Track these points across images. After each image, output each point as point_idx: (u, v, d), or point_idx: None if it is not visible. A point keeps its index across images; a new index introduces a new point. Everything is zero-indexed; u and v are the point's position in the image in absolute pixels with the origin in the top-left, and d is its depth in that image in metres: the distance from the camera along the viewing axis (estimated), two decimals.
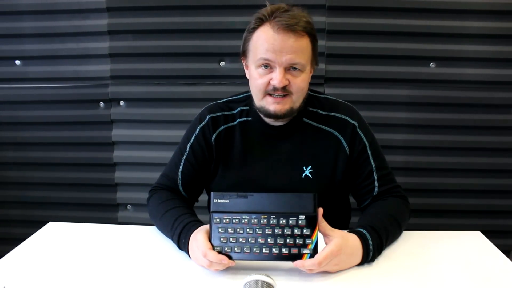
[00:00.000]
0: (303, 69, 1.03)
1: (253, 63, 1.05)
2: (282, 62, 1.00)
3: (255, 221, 0.89)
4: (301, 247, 0.88)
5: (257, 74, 1.04)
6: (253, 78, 1.06)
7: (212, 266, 0.89)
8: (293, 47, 0.99)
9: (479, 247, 1.04)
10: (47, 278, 0.91)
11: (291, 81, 1.02)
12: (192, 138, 1.18)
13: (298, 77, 1.03)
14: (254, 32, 1.04)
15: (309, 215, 0.89)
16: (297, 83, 1.03)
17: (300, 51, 1.01)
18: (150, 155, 1.86)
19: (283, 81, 1.01)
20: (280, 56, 1.00)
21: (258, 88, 1.05)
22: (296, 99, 1.06)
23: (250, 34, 1.04)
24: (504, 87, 1.73)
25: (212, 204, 0.91)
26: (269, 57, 1.00)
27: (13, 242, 1.08)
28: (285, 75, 1.01)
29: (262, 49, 1.01)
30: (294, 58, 1.00)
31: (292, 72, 1.02)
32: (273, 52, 0.99)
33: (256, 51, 1.03)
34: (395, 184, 1.16)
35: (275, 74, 1.01)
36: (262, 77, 1.03)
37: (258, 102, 1.08)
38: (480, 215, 1.83)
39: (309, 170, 1.13)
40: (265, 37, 1.01)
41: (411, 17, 1.69)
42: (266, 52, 1.00)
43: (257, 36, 1.03)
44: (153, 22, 1.75)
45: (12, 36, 1.81)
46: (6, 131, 1.90)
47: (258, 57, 1.02)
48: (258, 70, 1.04)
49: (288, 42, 0.99)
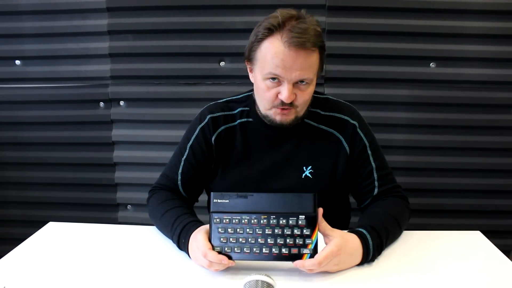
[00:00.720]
0: (311, 82, 1.02)
1: (260, 74, 1.02)
2: (292, 78, 0.98)
3: (255, 221, 0.89)
4: (301, 247, 0.88)
5: (265, 86, 1.02)
6: (260, 89, 1.04)
7: (212, 266, 0.89)
8: (303, 64, 0.97)
9: (479, 247, 1.04)
10: (47, 278, 0.91)
11: (298, 94, 1.01)
12: (192, 138, 1.17)
13: (306, 90, 1.02)
14: (262, 42, 0.99)
15: (309, 215, 0.88)
16: (303, 97, 1.02)
17: (309, 67, 0.99)
18: (150, 155, 1.86)
19: (291, 97, 1.00)
20: (290, 73, 0.98)
21: (265, 100, 1.04)
22: (301, 109, 1.06)
23: (258, 43, 1.00)
24: (504, 87, 1.73)
25: (212, 204, 0.90)
26: (279, 73, 0.98)
27: (13, 242, 1.08)
28: (293, 89, 1.00)
29: (271, 64, 0.98)
30: (303, 75, 0.99)
31: (300, 86, 1.01)
32: (282, 69, 0.97)
33: (264, 63, 1.00)
34: (395, 184, 1.16)
35: (283, 88, 0.99)
36: (269, 89, 1.02)
37: (264, 111, 1.07)
38: (480, 215, 1.83)
39: (309, 170, 1.13)
40: (275, 52, 0.97)
41: (411, 17, 1.69)
42: (275, 68, 0.98)
43: (266, 47, 0.99)
44: (153, 22, 1.75)
45: (12, 36, 1.81)
46: (6, 131, 1.90)
47: (266, 71, 1.00)
48: (265, 82, 1.02)
49: (299, 59, 0.97)
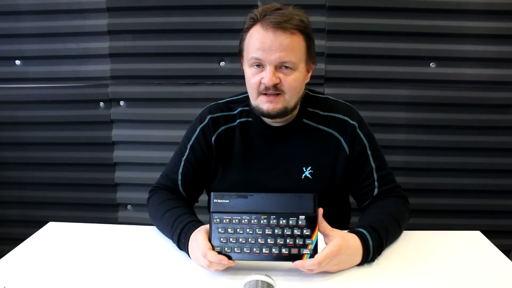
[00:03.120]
0: (295, 67, 1.02)
1: (246, 63, 1.05)
2: (272, 60, 1.00)
3: (255, 221, 0.89)
4: (301, 248, 0.88)
5: (250, 73, 1.04)
6: (247, 77, 1.06)
7: (212, 266, 0.89)
8: (282, 45, 0.99)
9: (479, 247, 1.04)
10: (47, 278, 0.91)
11: (282, 79, 1.02)
12: (192, 138, 1.18)
13: (290, 75, 1.02)
14: (247, 32, 1.04)
15: (309, 216, 0.88)
16: (288, 81, 1.02)
17: (291, 49, 1.00)
18: (150, 155, 1.86)
19: (273, 79, 1.00)
20: (269, 55, 0.99)
21: (252, 88, 1.05)
22: (290, 98, 1.05)
23: (244, 34, 1.05)
24: (504, 87, 1.73)
25: (212, 204, 0.90)
26: (259, 56, 1.00)
27: (13, 242, 1.08)
28: (276, 73, 1.01)
29: (253, 48, 1.02)
30: (283, 57, 1.00)
31: (283, 71, 1.02)
32: (262, 51, 1.00)
33: (248, 50, 1.04)
34: (395, 184, 1.16)
35: (265, 72, 1.01)
36: (254, 76, 1.04)
37: (253, 102, 1.08)
38: (480, 215, 1.83)
39: (309, 171, 1.13)
40: (256, 36, 1.01)
41: (411, 17, 1.69)
42: (256, 51, 1.01)
43: (249, 36, 1.04)
44: (153, 22, 1.75)
45: (12, 36, 1.81)
46: (6, 131, 1.90)
47: (249, 56, 1.03)
48: (251, 70, 1.04)
49: (278, 40, 0.99)
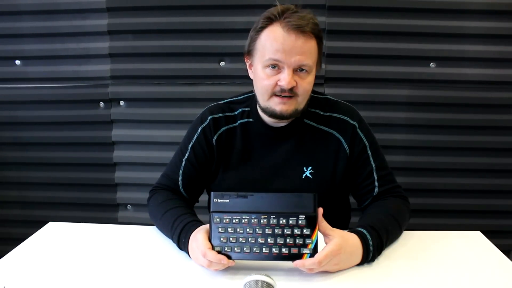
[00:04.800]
0: (310, 71, 1.03)
1: (260, 63, 1.04)
2: (291, 63, 0.99)
3: (255, 221, 0.89)
4: (301, 247, 0.88)
5: (264, 75, 1.03)
6: (260, 78, 1.04)
7: (212, 266, 0.89)
8: (302, 48, 0.99)
9: (479, 247, 1.04)
10: (47, 278, 0.91)
11: (298, 82, 1.02)
12: (193, 139, 1.17)
13: (305, 79, 1.03)
14: (262, 32, 1.02)
15: (309, 215, 0.88)
16: (303, 85, 1.03)
17: (309, 52, 1.01)
18: (150, 155, 1.86)
19: (292, 82, 1.00)
20: (290, 57, 0.99)
21: (265, 89, 1.04)
22: (302, 100, 1.05)
23: (258, 33, 1.03)
24: (504, 87, 1.73)
25: (212, 204, 0.90)
26: (279, 57, 0.99)
27: (13, 242, 1.08)
28: (293, 76, 1.01)
29: (271, 49, 1.00)
30: (303, 60, 1.00)
31: (300, 74, 1.02)
32: (282, 53, 0.99)
33: (264, 51, 1.02)
34: (396, 184, 1.16)
35: (283, 75, 1.00)
36: (269, 77, 1.02)
37: (264, 103, 1.07)
38: (480, 215, 1.83)
39: (309, 171, 1.13)
40: (274, 37, 1.00)
41: (411, 17, 1.69)
42: (275, 53, 0.99)
43: (265, 35, 1.02)
44: (153, 22, 1.75)
45: (12, 36, 1.81)
46: (6, 131, 1.90)
47: (266, 57, 1.01)
48: (265, 70, 1.03)
49: (298, 43, 0.98)
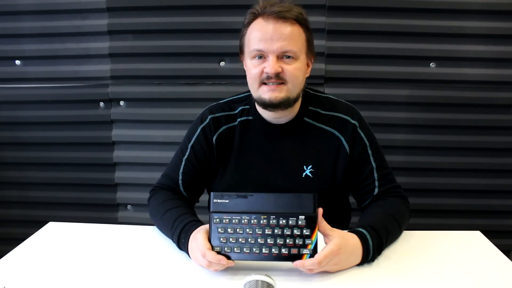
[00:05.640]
0: (296, 57, 1.04)
1: (248, 56, 1.07)
2: (274, 50, 1.02)
3: (255, 221, 0.89)
4: (300, 247, 0.88)
5: (251, 65, 1.06)
6: (248, 69, 1.08)
7: (211, 266, 0.89)
8: (283, 34, 1.01)
9: (479, 247, 1.04)
10: (47, 278, 0.91)
11: (284, 68, 1.03)
12: (193, 138, 1.18)
13: (291, 64, 1.04)
14: (247, 27, 1.07)
15: (309, 216, 0.88)
16: (290, 70, 1.03)
17: (291, 38, 1.02)
18: (150, 155, 1.86)
19: (276, 67, 1.02)
20: (271, 44, 1.01)
21: (253, 78, 1.06)
22: (292, 87, 1.05)
23: (245, 29, 1.08)
24: (504, 87, 1.73)
25: (212, 204, 0.90)
26: (261, 47, 1.02)
27: (13, 242, 1.08)
28: (278, 62, 1.03)
29: (254, 40, 1.04)
30: (285, 46, 1.02)
31: (285, 60, 1.03)
32: (264, 42, 1.02)
33: (249, 43, 1.06)
34: (396, 184, 1.16)
35: (267, 62, 1.03)
36: (256, 67, 1.05)
37: (255, 93, 1.08)
38: (480, 215, 1.83)
39: (309, 169, 1.13)
40: (257, 28, 1.04)
41: (411, 17, 1.69)
42: (258, 43, 1.03)
43: (250, 29, 1.06)
44: (153, 22, 1.75)
45: (12, 36, 1.81)
46: (6, 131, 1.90)
47: (251, 48, 1.05)
48: (252, 61, 1.06)
49: (279, 29, 1.01)
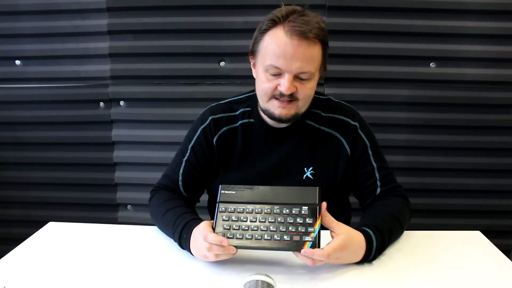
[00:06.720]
0: (312, 77, 1.02)
1: (262, 66, 1.03)
2: (292, 70, 0.98)
3: (259, 210, 0.92)
4: (303, 235, 0.88)
5: (265, 77, 1.02)
6: (261, 80, 1.04)
7: (212, 249, 0.89)
8: (304, 54, 0.97)
9: (479, 247, 1.04)
10: (47, 278, 0.91)
11: (299, 88, 1.01)
12: (194, 139, 1.17)
13: (306, 85, 1.02)
14: (265, 34, 1.01)
15: (312, 206, 0.91)
16: (304, 91, 1.02)
17: (311, 59, 0.99)
18: (150, 155, 1.86)
19: (291, 89, 1.00)
20: (291, 64, 0.98)
21: (264, 91, 1.04)
22: (302, 105, 1.05)
23: (262, 35, 1.01)
24: (504, 87, 1.73)
25: (220, 195, 0.95)
26: (279, 64, 0.98)
27: (13, 242, 1.08)
28: (293, 82, 1.00)
29: (272, 55, 0.99)
30: (304, 67, 0.98)
31: (300, 80, 1.01)
32: (284, 59, 0.97)
33: (266, 54, 1.00)
34: (397, 184, 1.16)
35: (283, 80, 1.00)
36: (270, 81, 1.02)
37: (263, 104, 1.07)
38: (480, 215, 1.83)
39: (310, 171, 1.13)
40: (276, 42, 0.98)
41: (411, 17, 1.69)
42: (277, 59, 0.98)
43: (268, 38, 1.00)
44: (153, 22, 1.75)
45: (12, 36, 1.81)
46: (6, 131, 1.90)
47: (267, 62, 1.00)
48: (266, 74, 1.02)
49: (300, 49, 0.97)
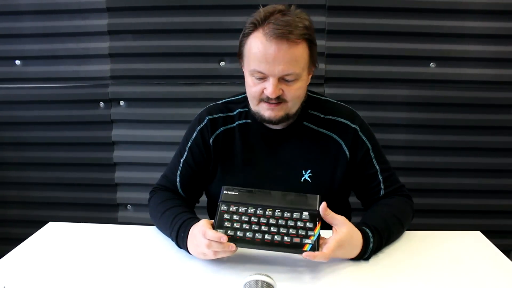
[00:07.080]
0: (298, 77, 1.00)
1: (247, 70, 1.03)
2: (275, 73, 0.97)
3: (261, 212, 0.93)
4: (303, 238, 0.90)
5: (251, 82, 1.02)
6: (248, 84, 1.04)
7: (211, 246, 0.88)
8: (285, 57, 0.95)
9: (479, 247, 1.04)
10: (47, 278, 0.91)
11: (285, 90, 1.00)
12: (191, 139, 1.17)
13: (293, 86, 1.00)
14: (248, 37, 1.00)
15: (313, 213, 0.92)
16: (291, 92, 1.01)
17: (294, 60, 0.97)
18: (150, 155, 1.86)
19: (276, 92, 0.99)
20: (273, 68, 0.96)
21: (252, 95, 1.04)
22: (292, 105, 1.04)
23: (245, 39, 1.01)
24: (504, 87, 1.73)
25: (222, 195, 0.96)
26: (262, 69, 0.97)
27: (13, 242, 1.08)
28: (279, 85, 0.99)
29: (255, 59, 0.98)
30: (286, 69, 0.97)
31: (286, 81, 0.99)
32: (265, 64, 0.96)
33: (249, 59, 1.00)
34: (400, 184, 1.16)
35: (268, 84, 0.99)
36: (256, 85, 1.01)
37: (254, 107, 1.07)
38: (480, 215, 1.83)
39: (308, 174, 1.12)
40: (257, 47, 0.97)
41: (411, 17, 1.69)
42: (258, 64, 0.97)
43: (249, 42, 0.99)
44: (153, 22, 1.75)
45: (12, 36, 1.81)
46: (6, 131, 1.90)
47: (251, 67, 0.99)
48: (252, 78, 1.02)
49: (281, 52, 0.95)
